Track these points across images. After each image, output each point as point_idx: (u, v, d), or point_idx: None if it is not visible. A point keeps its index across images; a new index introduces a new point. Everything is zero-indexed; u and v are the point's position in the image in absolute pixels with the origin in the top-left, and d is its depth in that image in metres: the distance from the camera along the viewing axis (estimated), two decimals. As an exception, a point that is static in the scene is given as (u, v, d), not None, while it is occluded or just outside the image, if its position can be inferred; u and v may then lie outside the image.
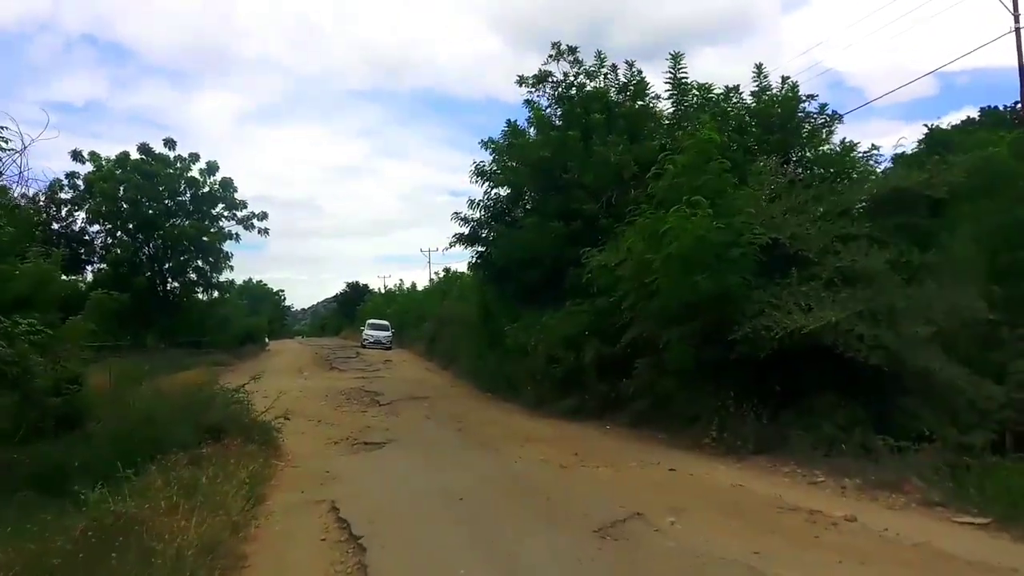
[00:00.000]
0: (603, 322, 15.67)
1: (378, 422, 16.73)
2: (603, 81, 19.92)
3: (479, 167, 21.75)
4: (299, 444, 13.71)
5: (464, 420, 16.21)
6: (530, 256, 18.97)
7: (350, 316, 79.53)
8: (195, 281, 36.92)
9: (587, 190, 17.82)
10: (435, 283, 54.14)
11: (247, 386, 14.49)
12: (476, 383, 23.62)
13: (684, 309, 12.12)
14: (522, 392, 18.76)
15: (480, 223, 22.27)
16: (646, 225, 12.75)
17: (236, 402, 13.74)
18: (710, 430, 11.75)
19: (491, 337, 22.53)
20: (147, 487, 8.28)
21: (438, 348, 34.81)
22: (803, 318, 10.86)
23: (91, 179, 32.96)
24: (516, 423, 15.73)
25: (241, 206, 36.58)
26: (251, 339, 49.61)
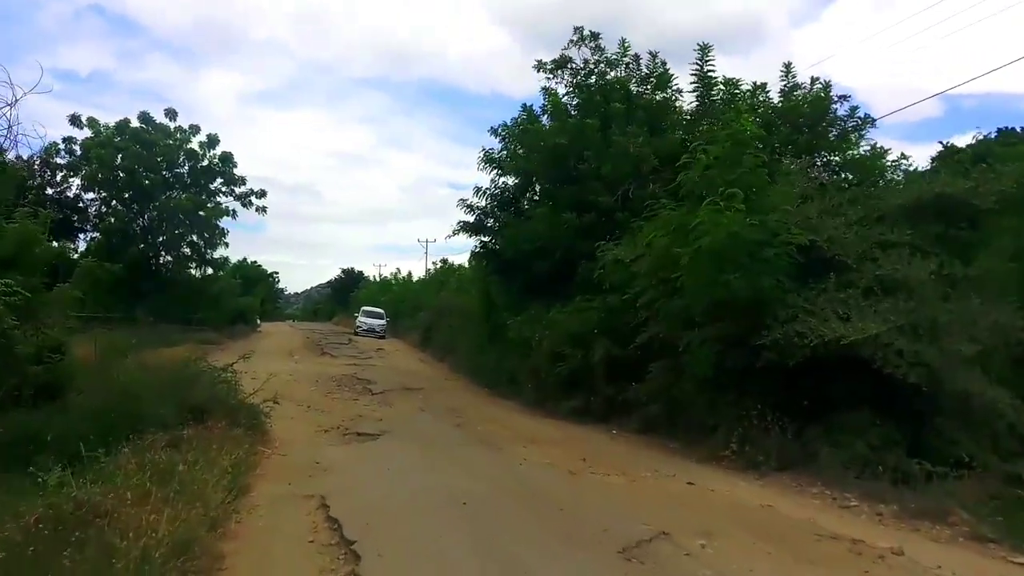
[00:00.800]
0: (614, 320, 14.82)
1: (370, 411, 15.86)
2: (624, 71, 19.04)
3: (488, 154, 20.90)
4: (288, 430, 12.84)
5: (462, 415, 15.33)
6: (539, 247, 18.09)
7: (343, 302, 78.72)
8: (188, 256, 35.84)
9: (603, 182, 16.93)
10: (432, 274, 53.21)
11: (235, 366, 13.66)
12: (473, 377, 22.75)
13: (710, 310, 11.26)
14: (523, 389, 17.89)
15: (486, 212, 21.40)
16: (672, 218, 11.90)
17: (223, 382, 12.88)
18: (730, 442, 10.87)
19: (492, 330, 21.65)
20: (118, 470, 7.39)
21: (434, 339, 33.93)
22: (842, 327, 9.99)
23: (88, 145, 31.89)
24: (517, 421, 14.86)
25: (240, 182, 35.56)
26: (242, 319, 48.61)
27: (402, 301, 50.51)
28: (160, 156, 33.42)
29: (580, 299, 15.82)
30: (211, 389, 12.06)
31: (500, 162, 20.81)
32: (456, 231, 21.84)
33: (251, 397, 12.51)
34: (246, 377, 21.75)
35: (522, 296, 19.81)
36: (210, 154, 35.01)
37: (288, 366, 25.62)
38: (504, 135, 20.69)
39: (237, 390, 12.81)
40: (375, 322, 46.29)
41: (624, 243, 14.44)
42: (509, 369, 19.24)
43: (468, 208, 21.51)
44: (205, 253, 35.87)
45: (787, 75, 17.97)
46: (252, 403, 12.34)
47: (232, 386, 12.86)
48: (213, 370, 13.54)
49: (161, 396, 10.83)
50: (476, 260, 23.22)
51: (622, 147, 16.59)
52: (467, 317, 26.58)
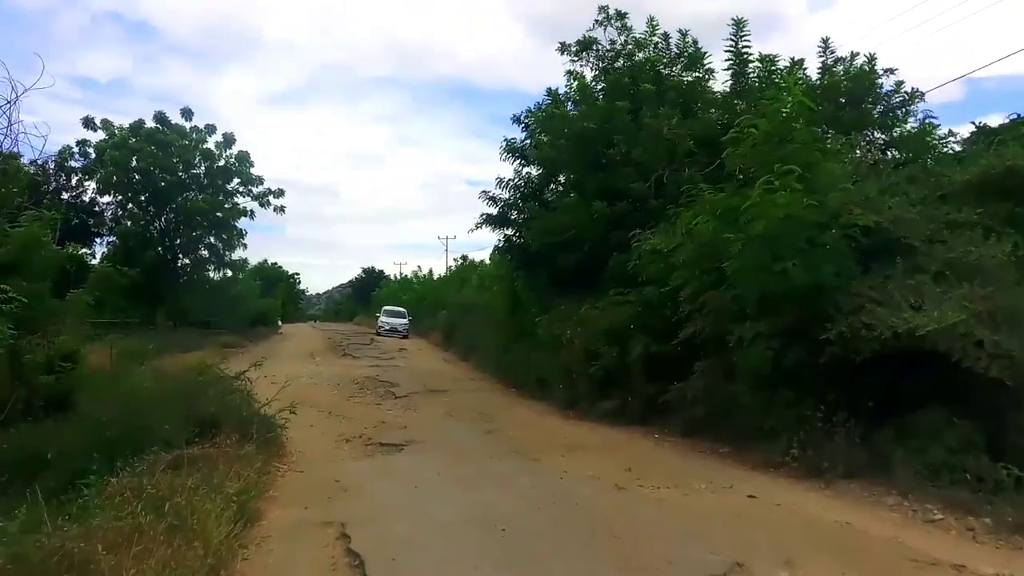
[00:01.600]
0: (651, 315, 13.75)
1: (394, 417, 14.91)
2: (652, 51, 17.89)
3: (510, 143, 19.90)
4: (306, 441, 11.97)
5: (492, 420, 14.31)
6: (566, 240, 17.01)
7: (365, 302, 78.05)
8: (207, 258, 35.14)
9: (635, 167, 15.83)
10: (453, 271, 52.22)
11: (249, 373, 12.74)
12: (499, 377, 21.72)
13: (763, 302, 10.14)
14: (553, 390, 16.84)
15: (509, 204, 20.38)
16: (717, 202, 10.82)
17: (235, 391, 11.97)
18: (790, 447, 9.76)
19: (519, 328, 20.62)
20: (108, 500, 6.45)
21: (456, 338, 32.94)
22: (917, 317, 8.85)
23: (101, 147, 31.20)
24: (551, 426, 13.81)
25: (257, 182, 34.77)
26: (263, 321, 48.05)
27: (423, 299, 49.56)
28: (176, 157, 32.70)
29: (613, 293, 14.74)
30: (221, 400, 11.12)
31: (523, 151, 19.79)
32: (479, 224, 20.87)
33: (266, 407, 11.57)
34: (265, 382, 21.07)
35: (549, 291, 18.78)
36: (226, 154, 34.26)
37: (309, 368, 24.84)
38: (527, 123, 19.67)
39: (250, 400, 11.90)
40: (397, 321, 45.22)
41: (661, 232, 13.37)
42: (538, 368, 18.19)
43: (491, 200, 20.53)
44: (224, 255, 35.16)
45: (825, 51, 16.78)
46: (267, 414, 11.39)
47: (245, 396, 11.95)
48: (225, 379, 12.68)
49: (167, 409, 9.94)
50: (500, 255, 22.20)
51: (654, 130, 15.48)
52: (491, 314, 25.54)
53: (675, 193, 14.81)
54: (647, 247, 13.38)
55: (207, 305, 38.02)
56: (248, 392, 12.12)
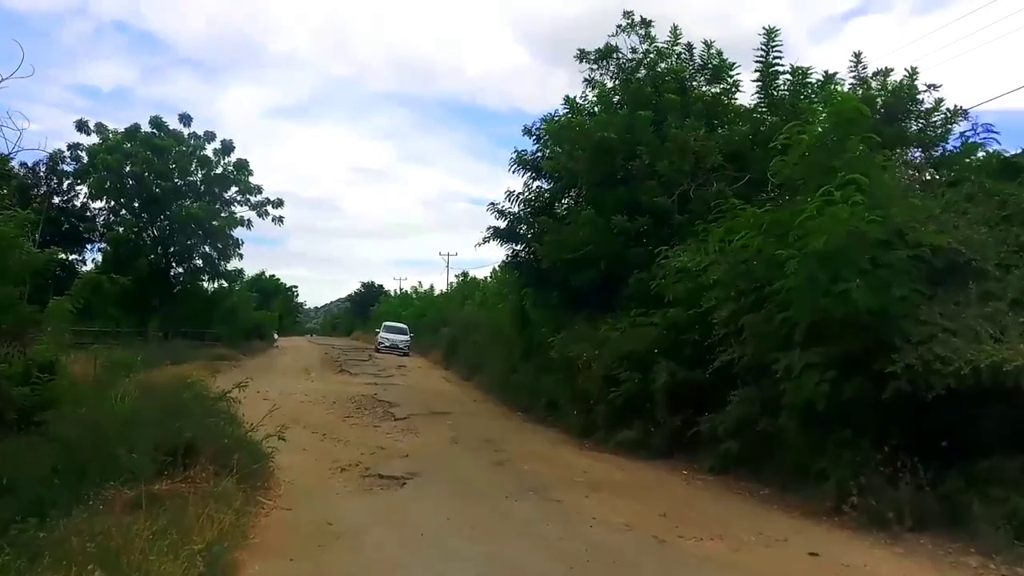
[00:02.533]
0: (677, 339, 12.55)
1: (394, 442, 13.64)
2: (675, 61, 16.78)
3: (521, 155, 18.75)
4: (297, 467, 10.72)
5: (501, 448, 13.01)
6: (581, 256, 15.79)
7: (363, 317, 76.85)
8: (201, 268, 33.79)
9: (658, 180, 14.66)
10: (455, 287, 50.93)
11: (244, 386, 11.49)
12: (505, 399, 20.46)
13: (817, 328, 8.91)
14: (566, 416, 15.59)
15: (518, 218, 19.20)
16: (761, 216, 9.63)
17: (218, 413, 10.72)
18: (848, 493, 8.50)
19: (527, 348, 19.40)
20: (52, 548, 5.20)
21: (458, 356, 31.66)
22: (1000, 350, 7.65)
23: (94, 150, 30.01)
24: (567, 457, 12.52)
25: (256, 191, 33.54)
26: (259, 334, 46.71)
27: (423, 315, 48.23)
28: (172, 163, 31.49)
29: (635, 314, 13.51)
30: (201, 423, 9.83)
31: (535, 163, 18.66)
32: (486, 239, 19.69)
33: (254, 430, 10.31)
34: (256, 398, 19.80)
35: (560, 310, 17.58)
36: (224, 161, 33.05)
37: (304, 385, 23.58)
38: (539, 134, 18.55)
39: (235, 423, 10.66)
40: (398, 338, 43.38)
41: (689, 249, 12.19)
42: (548, 392, 16.95)
43: (499, 214, 19.36)
44: (219, 265, 33.80)
45: (857, 65, 15.66)
46: (253, 439, 10.13)
47: (229, 418, 10.70)
48: (209, 397, 11.45)
49: (138, 431, 8.69)
50: (508, 271, 20.98)
51: (680, 142, 14.33)
52: (496, 333, 24.32)
53: (701, 208, 13.70)
54: (675, 265, 12.19)
55: (201, 316, 36.75)
56: (233, 414, 10.87)
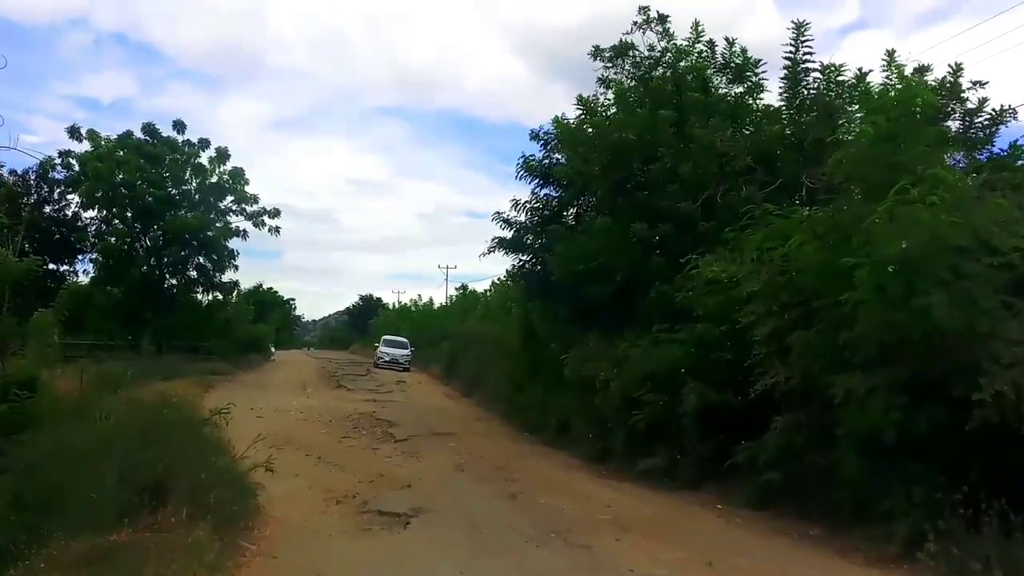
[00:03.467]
0: (706, 357, 11.32)
1: (395, 469, 12.40)
2: (697, 59, 15.62)
3: (528, 160, 17.60)
4: (288, 498, 9.60)
5: (512, 476, 11.73)
6: (595, 267, 14.55)
7: (361, 330, 75.55)
8: (195, 279, 32.49)
9: (682, 185, 13.47)
10: (455, 300, 49.65)
11: (230, 406, 10.37)
12: (510, 418, 19.19)
13: (886, 347, 7.70)
14: (580, 439, 14.34)
15: (525, 228, 18.02)
16: (821, 219, 8.44)
17: (200, 438, 9.51)
18: (924, 538, 7.24)
19: (534, 364, 18.16)
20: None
21: (459, 371, 30.36)
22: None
23: (85, 158, 28.80)
24: (587, 488, 11.21)
25: (252, 200, 32.28)
26: (256, 348, 45.33)
27: (423, 329, 46.87)
28: (165, 171, 30.30)
29: (657, 329, 12.29)
30: (180, 452, 8.58)
31: (543, 170, 17.51)
32: (491, 249, 18.53)
33: (240, 459, 9.09)
34: (249, 416, 18.58)
35: (570, 325, 16.32)
36: (220, 170, 31.83)
37: (299, 401, 22.42)
38: (547, 139, 17.41)
39: (219, 449, 9.44)
40: (398, 352, 41.29)
41: (722, 258, 10.99)
42: (559, 412, 15.71)
43: (504, 223, 18.19)
44: (213, 276, 32.49)
45: (889, 65, 14.50)
46: (238, 469, 8.90)
47: (212, 444, 9.49)
48: (192, 421, 10.25)
49: (108, 462, 7.48)
50: (514, 282, 19.77)
51: (706, 143, 13.15)
52: (499, 348, 23.03)
53: (728, 215, 12.54)
54: (706, 275, 10.99)
55: (196, 329, 35.46)
56: (218, 439, 9.66)
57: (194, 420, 10.45)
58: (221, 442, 9.92)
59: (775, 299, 9.63)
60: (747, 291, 10.19)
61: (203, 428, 9.81)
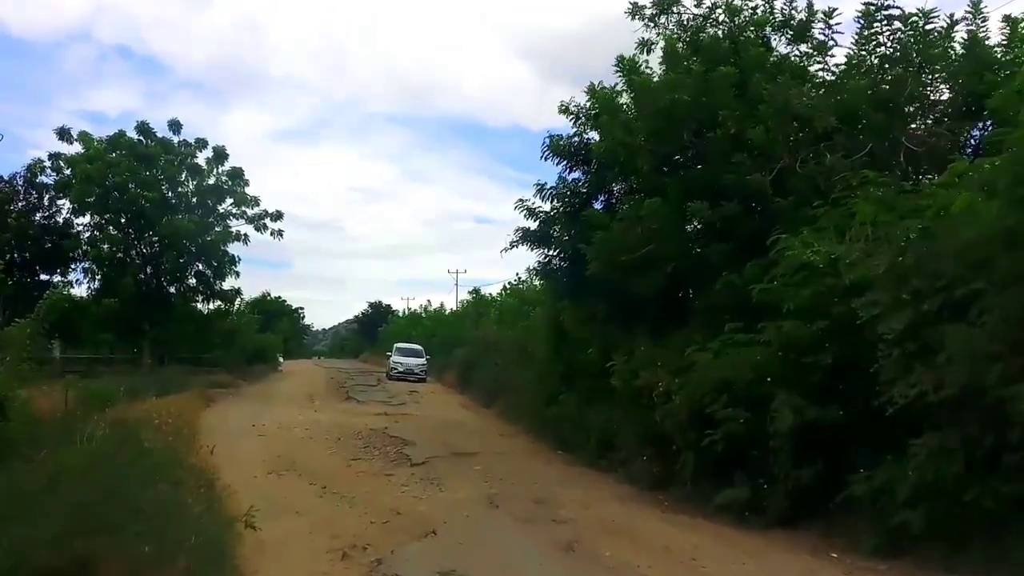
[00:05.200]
0: (798, 362, 8.97)
1: (413, 503, 10.13)
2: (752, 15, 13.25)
3: (555, 140, 15.24)
4: (281, 546, 7.56)
5: (561, 517, 9.22)
6: (642, 257, 12.24)
7: (371, 338, 73.40)
8: (194, 287, 30.18)
9: (750, 154, 11.10)
10: (467, 304, 47.24)
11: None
12: (540, 434, 16.86)
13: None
14: (629, 460, 12.00)
15: (552, 218, 15.65)
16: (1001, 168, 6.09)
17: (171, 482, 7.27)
18: None
19: (567, 372, 15.80)
20: None
21: (475, 380, 28.01)
22: None
23: (73, 160, 26.60)
24: (658, 532, 8.71)
25: (252, 203, 29.95)
26: (262, 358, 43.11)
27: (434, 335, 44.45)
28: (160, 173, 28.05)
29: (731, 329, 9.92)
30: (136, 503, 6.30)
31: (572, 150, 15.14)
32: (514, 243, 16.14)
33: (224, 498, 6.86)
34: (251, 434, 16.33)
35: (610, 326, 13.93)
36: (218, 171, 29.53)
37: (306, 415, 20.25)
38: (577, 113, 15.01)
39: (196, 495, 7.22)
40: (413, 362, 37.18)
41: (823, 237, 8.67)
42: (600, 428, 13.36)
43: (529, 213, 15.81)
44: (213, 284, 30.19)
45: (975, 15, 12.15)
46: (215, 522, 6.64)
47: (185, 489, 7.25)
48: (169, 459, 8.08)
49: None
50: (540, 281, 17.37)
51: (778, 102, 10.77)
52: (522, 354, 20.62)
53: (807, 189, 10.23)
54: (798, 258, 8.65)
55: (198, 339, 33.29)
56: (192, 475, 7.42)
57: (166, 454, 8.20)
58: (199, 476, 7.74)
59: (904, 285, 7.29)
60: (860, 277, 7.91)
61: (171, 469, 7.50)
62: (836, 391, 8.69)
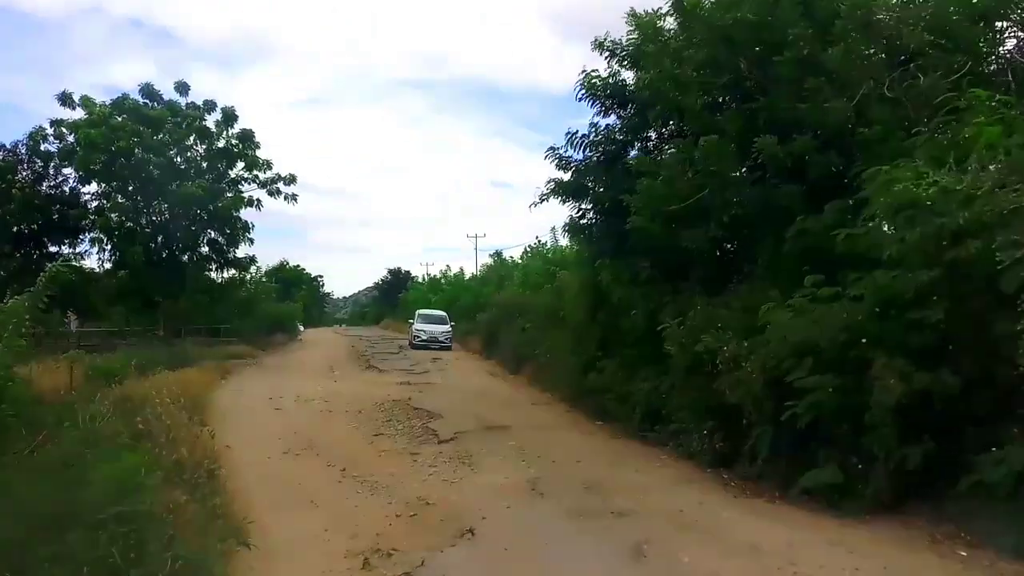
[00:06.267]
0: (899, 319, 7.45)
1: (444, 490, 8.80)
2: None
3: (590, 78, 13.62)
4: (293, 551, 6.52)
5: (619, 507, 7.74)
6: (695, 205, 10.71)
7: (391, 304, 72.22)
8: (207, 256, 28.79)
9: (828, 78, 9.44)
10: (490, 268, 45.64)
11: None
12: (575, 403, 15.46)
13: None
14: (680, 433, 10.56)
15: (587, 167, 14.08)
16: None
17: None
18: None
19: (605, 337, 14.34)
20: None
21: (501, 345, 26.56)
22: None
23: (75, 125, 25.15)
24: (737, 524, 7.18)
25: (264, 166, 28.35)
26: (281, 327, 41.96)
27: (456, 301, 42.95)
28: (167, 137, 26.54)
29: (812, 283, 8.38)
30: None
31: (610, 90, 13.53)
32: (543, 197, 14.60)
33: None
34: (267, 408, 15.18)
35: (656, 285, 12.36)
36: (228, 134, 27.93)
37: (325, 386, 18.99)
38: (613, 49, 13.37)
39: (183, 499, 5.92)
40: (438, 329, 34.61)
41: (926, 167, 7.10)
42: (647, 398, 11.91)
43: (561, 162, 14.27)
44: (227, 252, 28.79)
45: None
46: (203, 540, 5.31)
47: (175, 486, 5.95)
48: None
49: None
50: (574, 237, 15.81)
51: (860, 17, 9.09)
52: (551, 317, 19.11)
53: (894, 118, 8.63)
54: (903, 195, 7.08)
55: (213, 310, 32.14)
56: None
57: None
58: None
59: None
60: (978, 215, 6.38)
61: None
62: (946, 354, 7.20)
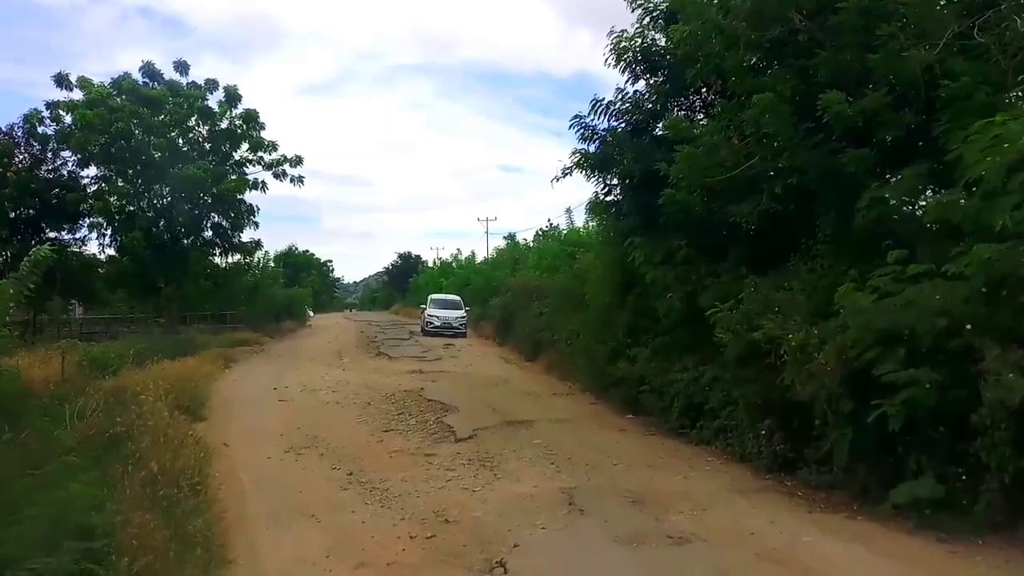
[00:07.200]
0: (1011, 301, 6.15)
1: (466, 503, 7.59)
2: None
3: (620, 38, 12.33)
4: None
5: (676, 529, 6.41)
6: (742, 175, 9.41)
7: (401, 289, 71.29)
8: (210, 240, 27.63)
9: (904, 24, 8.07)
10: (502, 251, 44.25)
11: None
12: (601, 394, 14.21)
13: None
14: (736, 432, 9.28)
15: (615, 138, 12.78)
16: None
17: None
18: None
19: (635, 323, 13.06)
20: None
21: (516, 330, 25.25)
22: None
23: (71, 106, 23.93)
24: (835, 555, 5.72)
25: (269, 148, 27.11)
26: (289, 312, 40.86)
27: (467, 284, 41.60)
28: (168, 117, 25.30)
29: (896, 258, 7.06)
30: None
31: (639, 54, 12.22)
32: (567, 171, 13.36)
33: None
34: (271, 399, 14.37)
35: (695, 266, 11.01)
36: (231, 114, 26.70)
37: (333, 375, 17.96)
38: (647, 6, 12.07)
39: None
40: (451, 315, 32.58)
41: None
42: (687, 391, 10.64)
43: (586, 131, 13.00)
44: (231, 236, 27.62)
45: None
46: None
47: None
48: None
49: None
50: (601, 215, 14.46)
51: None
52: (571, 302, 17.73)
53: (977, 68, 7.30)
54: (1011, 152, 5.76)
55: (218, 296, 31.11)
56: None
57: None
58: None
59: None
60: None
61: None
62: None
